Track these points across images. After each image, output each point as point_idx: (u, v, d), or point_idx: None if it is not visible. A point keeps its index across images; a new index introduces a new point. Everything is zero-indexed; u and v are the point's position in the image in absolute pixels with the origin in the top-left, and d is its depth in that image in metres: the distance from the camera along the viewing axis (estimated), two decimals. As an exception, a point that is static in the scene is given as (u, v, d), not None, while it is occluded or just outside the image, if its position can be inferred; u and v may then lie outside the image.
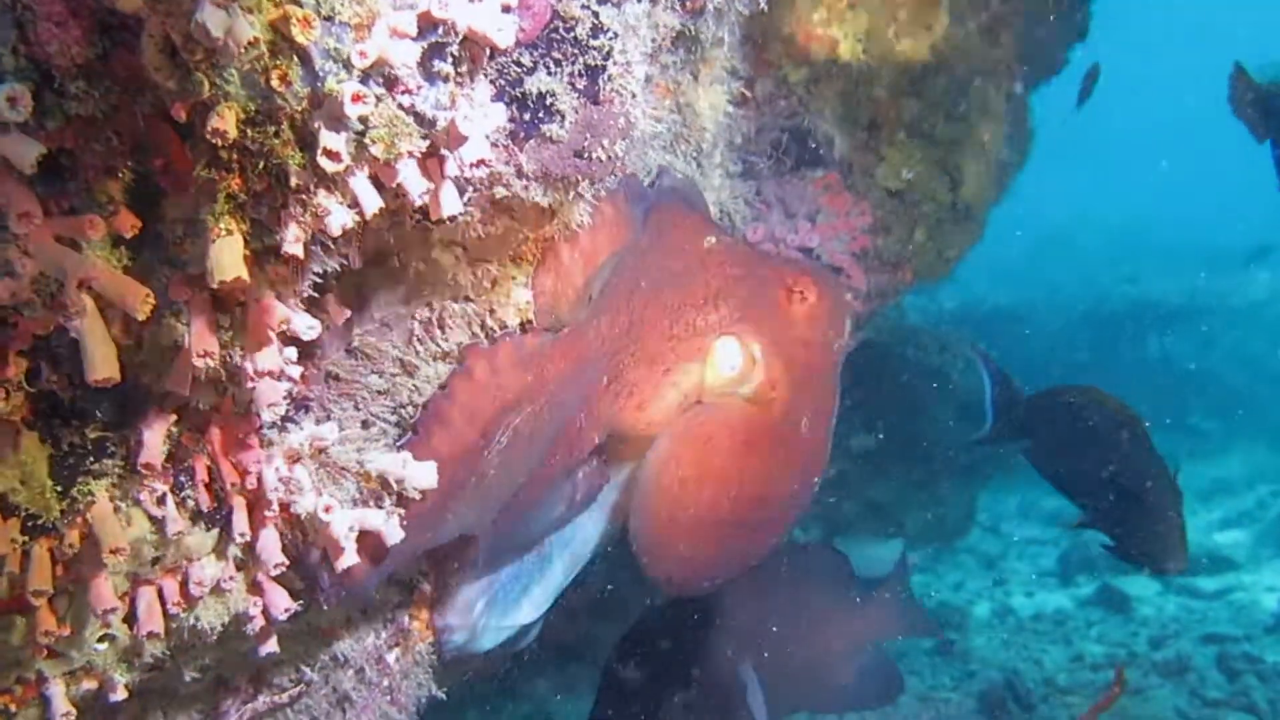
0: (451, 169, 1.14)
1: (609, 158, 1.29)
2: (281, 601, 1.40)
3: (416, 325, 1.49)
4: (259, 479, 1.32)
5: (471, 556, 1.75)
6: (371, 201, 1.08)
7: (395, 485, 1.39)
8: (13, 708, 1.35)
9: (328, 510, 1.33)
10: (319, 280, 1.23)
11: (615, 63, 1.26)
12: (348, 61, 0.99)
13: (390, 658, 1.84)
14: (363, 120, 1.02)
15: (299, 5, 0.97)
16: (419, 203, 1.11)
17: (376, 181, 1.08)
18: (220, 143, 0.99)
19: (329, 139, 1.01)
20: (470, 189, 1.22)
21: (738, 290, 1.67)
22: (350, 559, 1.36)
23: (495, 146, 1.23)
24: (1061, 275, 13.33)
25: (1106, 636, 6.53)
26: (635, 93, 1.30)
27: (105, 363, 1.05)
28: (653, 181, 1.74)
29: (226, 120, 0.99)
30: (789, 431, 1.70)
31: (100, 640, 1.34)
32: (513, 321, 1.51)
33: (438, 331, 1.50)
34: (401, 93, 1.03)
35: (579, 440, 1.63)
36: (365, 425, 1.51)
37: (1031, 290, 12.14)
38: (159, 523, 1.30)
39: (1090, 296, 11.98)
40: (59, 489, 1.23)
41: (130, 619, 1.34)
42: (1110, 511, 3.57)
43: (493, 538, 1.68)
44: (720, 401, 1.67)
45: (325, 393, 1.49)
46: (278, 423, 1.37)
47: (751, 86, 2.99)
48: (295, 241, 1.08)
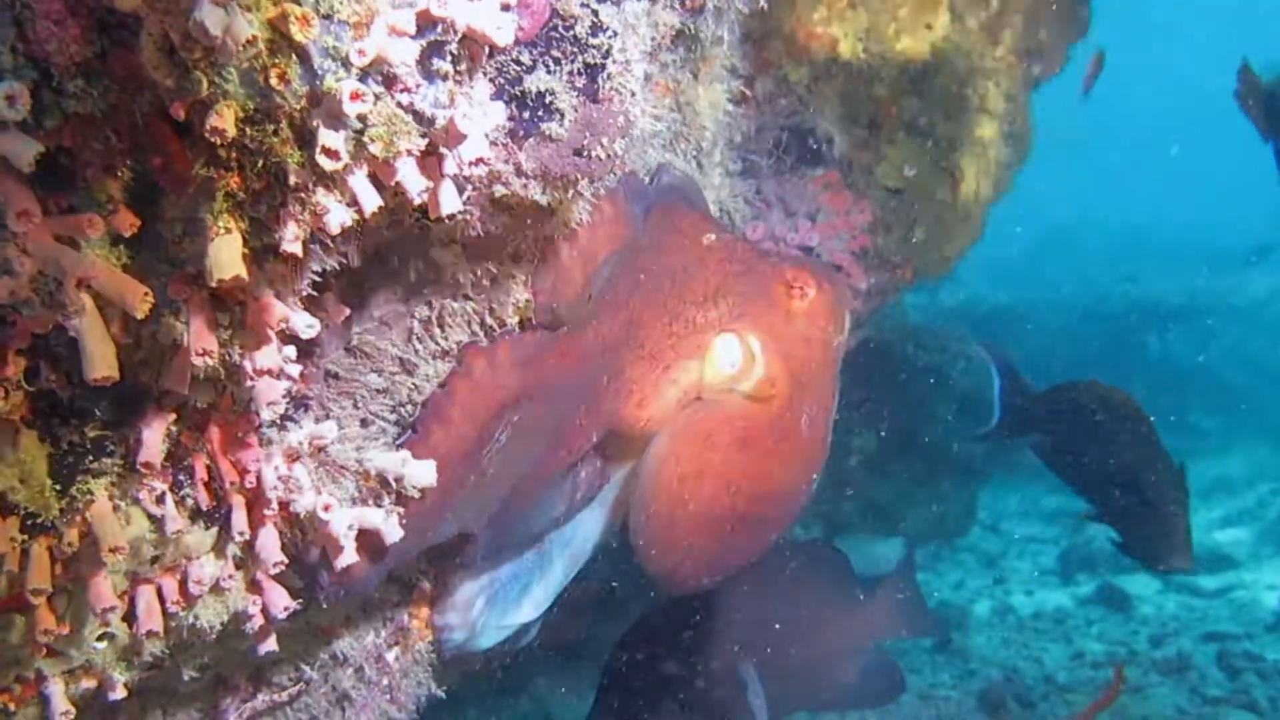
0: (450, 167, 1.14)
1: (608, 156, 1.29)
2: (281, 600, 1.40)
3: (416, 324, 1.49)
4: (258, 477, 1.32)
5: (471, 555, 1.75)
6: (370, 200, 1.08)
7: (394, 484, 1.39)
8: (12, 706, 1.35)
9: (327, 509, 1.33)
10: (318, 279, 1.23)
11: (615, 61, 1.26)
12: (346, 60, 0.98)
13: (390, 656, 1.84)
14: (361, 119, 1.02)
15: (297, 3, 0.96)
16: (418, 201, 1.11)
17: (375, 180, 1.08)
18: (219, 141, 0.99)
19: (328, 137, 1.01)
20: (469, 187, 1.22)
21: (737, 287, 1.67)
22: (349, 557, 1.36)
23: (494, 145, 1.23)
24: (1062, 274, 13.34)
25: (1107, 635, 6.53)
26: (635, 91, 1.29)
27: (104, 361, 1.04)
28: (652, 179, 1.74)
29: (225, 119, 0.99)
30: (789, 428, 1.70)
31: (99, 639, 1.34)
32: (512, 320, 1.51)
33: (437, 330, 1.49)
34: (400, 91, 1.03)
35: (578, 438, 1.63)
36: (364, 424, 1.51)
37: (1032, 289, 12.13)
38: (158, 521, 1.30)
39: (1091, 295, 11.97)
40: (58, 487, 1.23)
41: (129, 617, 1.34)
42: (1118, 507, 3.57)
43: (492, 536, 1.68)
44: (720, 398, 1.67)
45: (324, 391, 1.49)
46: (277, 421, 1.37)
47: (751, 85, 2.99)
48: (294, 240, 1.08)
